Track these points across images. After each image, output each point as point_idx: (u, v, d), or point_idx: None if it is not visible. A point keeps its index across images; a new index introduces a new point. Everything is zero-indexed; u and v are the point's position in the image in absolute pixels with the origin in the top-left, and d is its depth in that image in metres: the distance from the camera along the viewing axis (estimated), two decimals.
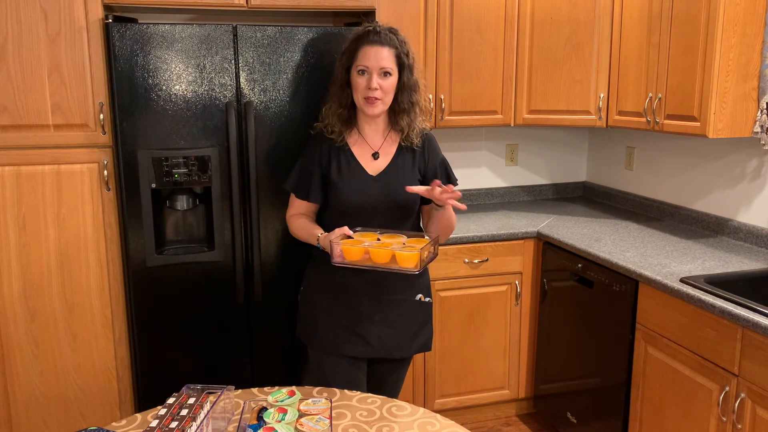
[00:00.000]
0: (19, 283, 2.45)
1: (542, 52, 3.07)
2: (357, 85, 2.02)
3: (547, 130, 3.66)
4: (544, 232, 2.96)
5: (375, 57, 1.98)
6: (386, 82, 2.01)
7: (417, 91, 2.08)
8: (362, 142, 2.12)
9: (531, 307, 3.09)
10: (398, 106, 2.07)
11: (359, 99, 2.03)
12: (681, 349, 2.22)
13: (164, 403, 1.53)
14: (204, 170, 2.42)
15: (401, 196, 2.06)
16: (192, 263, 2.48)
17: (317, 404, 1.62)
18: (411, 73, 2.05)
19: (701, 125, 2.45)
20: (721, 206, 2.85)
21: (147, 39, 2.31)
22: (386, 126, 2.13)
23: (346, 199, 2.06)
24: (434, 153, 2.17)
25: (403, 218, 2.13)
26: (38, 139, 2.38)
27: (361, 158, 2.10)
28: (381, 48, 1.99)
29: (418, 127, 2.12)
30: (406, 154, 2.12)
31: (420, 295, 2.18)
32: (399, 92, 2.05)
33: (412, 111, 2.08)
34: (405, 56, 2.03)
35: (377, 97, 2.00)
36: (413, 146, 2.12)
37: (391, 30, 2.04)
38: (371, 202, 2.06)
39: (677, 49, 2.55)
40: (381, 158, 2.11)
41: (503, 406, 3.23)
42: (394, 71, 2.01)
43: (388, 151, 2.12)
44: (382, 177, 2.09)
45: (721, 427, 2.07)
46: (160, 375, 2.53)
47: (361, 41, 2.01)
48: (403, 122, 2.08)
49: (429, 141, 2.16)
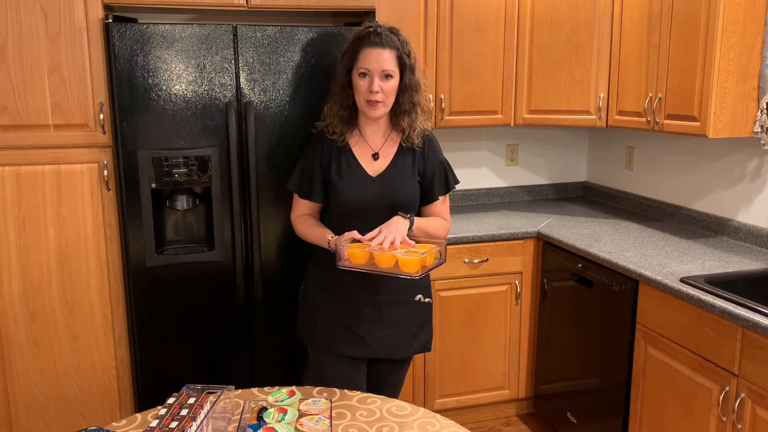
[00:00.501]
0: (19, 283, 2.45)
1: (542, 52, 3.07)
2: (358, 88, 2.01)
3: (547, 130, 3.66)
4: (544, 232, 2.96)
5: (376, 59, 1.97)
6: (387, 84, 2.00)
7: (418, 91, 2.08)
8: (363, 142, 2.12)
9: (531, 307, 3.09)
10: (399, 107, 2.06)
11: (361, 101, 2.03)
12: (681, 349, 2.22)
13: (164, 403, 1.53)
14: (204, 170, 2.42)
15: (400, 197, 2.07)
16: (192, 263, 2.48)
17: (317, 404, 1.62)
18: (412, 74, 2.04)
19: (701, 125, 2.45)
20: (721, 206, 2.85)
21: (147, 39, 2.31)
22: (387, 126, 2.13)
23: (346, 199, 2.06)
24: (434, 154, 2.16)
25: None
26: (38, 139, 2.38)
27: (362, 159, 2.10)
28: (382, 50, 1.98)
29: (420, 127, 2.11)
30: (406, 155, 2.12)
31: (420, 296, 2.18)
32: (400, 93, 2.05)
33: (413, 111, 2.08)
34: (406, 57, 2.02)
35: (379, 100, 2.00)
36: (414, 146, 2.12)
37: (392, 30, 2.03)
38: (370, 203, 2.06)
39: (677, 49, 2.55)
40: (381, 159, 2.11)
41: (503, 406, 3.23)
42: (395, 73, 2.01)
43: (389, 152, 2.12)
44: (381, 178, 2.09)
45: (721, 427, 2.07)
46: (160, 375, 2.53)
47: (362, 43, 2.00)
48: (404, 123, 2.08)
49: (430, 142, 2.16)
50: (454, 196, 3.52)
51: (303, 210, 2.18)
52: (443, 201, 2.20)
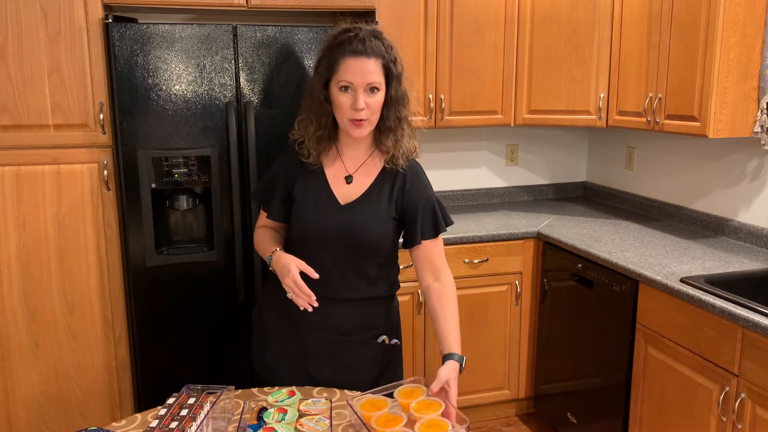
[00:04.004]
0: (19, 283, 2.45)
1: (542, 52, 3.07)
2: (339, 104, 1.70)
3: (547, 130, 3.66)
4: (544, 232, 2.96)
5: (361, 71, 1.67)
6: (373, 99, 1.70)
7: (405, 105, 1.77)
8: (339, 162, 1.81)
9: (531, 307, 3.09)
10: (383, 123, 1.76)
11: (343, 120, 1.72)
12: (681, 349, 2.22)
13: (164, 403, 1.53)
14: (204, 170, 2.42)
15: (365, 236, 1.76)
16: (192, 263, 2.48)
17: (317, 404, 1.62)
18: (399, 84, 1.75)
19: (701, 125, 2.45)
20: (721, 206, 2.85)
21: (147, 39, 2.31)
22: (370, 145, 1.82)
23: (305, 226, 1.78)
24: (419, 190, 1.82)
25: (366, 258, 1.80)
26: (38, 139, 2.38)
27: (333, 181, 1.80)
28: (367, 60, 1.68)
29: (405, 146, 1.80)
30: (385, 186, 1.80)
31: (384, 337, 1.87)
32: (384, 108, 1.74)
33: (399, 128, 1.77)
34: (393, 64, 1.73)
35: (364, 118, 1.70)
36: (398, 169, 1.80)
37: (375, 34, 1.73)
38: (329, 235, 1.76)
39: (677, 49, 2.55)
40: (355, 184, 1.80)
41: (503, 406, 3.22)
42: (381, 85, 1.71)
43: (366, 177, 1.81)
44: (350, 208, 1.78)
45: (721, 427, 2.07)
46: (160, 375, 2.53)
47: (341, 50, 1.70)
48: (389, 142, 1.77)
49: (415, 176, 1.82)
50: (455, 195, 3.53)
51: (263, 222, 1.93)
52: (435, 244, 1.84)
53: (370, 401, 1.58)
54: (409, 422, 1.51)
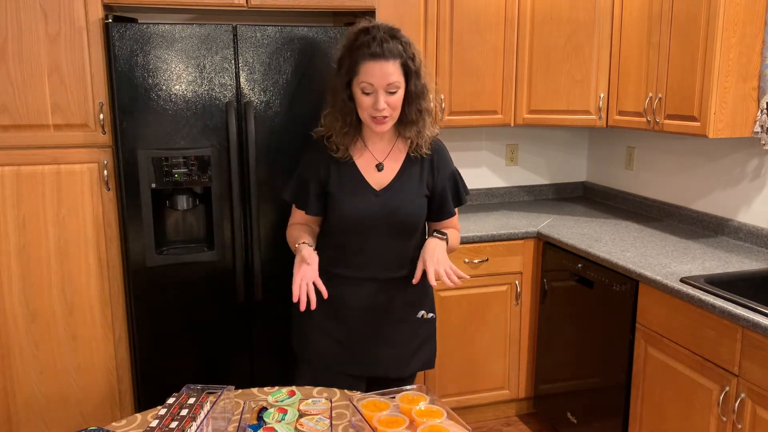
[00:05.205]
0: (19, 283, 2.45)
1: (542, 52, 3.07)
2: (362, 103, 1.84)
3: (547, 130, 3.66)
4: (544, 232, 2.96)
5: (380, 74, 1.79)
6: (394, 98, 1.83)
7: (425, 97, 1.90)
8: (367, 152, 1.96)
9: (531, 307, 3.09)
10: (405, 117, 1.89)
11: (365, 117, 1.86)
12: (681, 349, 2.22)
13: (164, 403, 1.53)
14: (204, 170, 2.42)
15: (405, 214, 1.92)
16: (192, 263, 2.48)
17: (317, 404, 1.62)
18: (418, 79, 1.87)
19: (701, 125, 2.45)
20: (721, 206, 2.85)
21: (147, 39, 2.31)
22: (393, 135, 1.97)
23: (346, 215, 1.91)
24: (444, 166, 2.00)
25: (405, 237, 1.97)
26: (38, 139, 2.38)
27: (365, 170, 1.94)
28: (385, 63, 1.79)
29: (427, 134, 1.95)
30: (414, 167, 1.96)
31: (422, 312, 2.04)
32: (405, 103, 1.87)
33: (420, 120, 1.91)
34: (411, 62, 1.85)
35: (386, 116, 1.84)
36: (422, 155, 1.96)
37: (392, 33, 1.83)
38: (372, 219, 1.90)
39: (677, 49, 2.55)
40: (386, 171, 1.95)
41: (503, 406, 3.22)
42: (401, 83, 1.84)
43: (395, 163, 1.96)
44: (385, 192, 1.92)
45: (721, 427, 2.07)
46: (160, 375, 2.53)
47: (361, 54, 1.80)
48: (411, 133, 1.92)
49: (439, 153, 2.00)
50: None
51: (297, 219, 2.05)
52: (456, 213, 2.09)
53: (372, 402, 1.59)
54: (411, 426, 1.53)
